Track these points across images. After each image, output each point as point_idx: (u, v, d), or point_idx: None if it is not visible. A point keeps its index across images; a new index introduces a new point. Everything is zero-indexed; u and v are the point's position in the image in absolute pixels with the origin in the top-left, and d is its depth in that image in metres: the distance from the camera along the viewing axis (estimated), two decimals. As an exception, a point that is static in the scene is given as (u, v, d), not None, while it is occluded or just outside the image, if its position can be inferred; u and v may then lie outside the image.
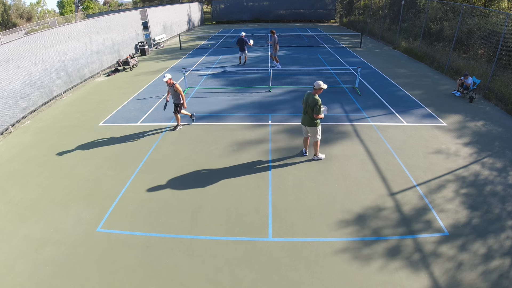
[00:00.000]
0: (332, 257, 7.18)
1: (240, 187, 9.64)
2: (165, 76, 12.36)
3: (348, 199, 9.00)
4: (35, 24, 65.10)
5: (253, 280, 6.68)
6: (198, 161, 11.06)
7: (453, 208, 8.60)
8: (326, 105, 10.60)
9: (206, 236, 7.86)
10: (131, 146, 12.13)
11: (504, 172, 10.15)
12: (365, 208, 8.64)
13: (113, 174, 10.43)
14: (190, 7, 48.02)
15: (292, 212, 8.54)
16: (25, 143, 12.74)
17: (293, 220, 8.27)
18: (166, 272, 6.88)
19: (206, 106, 15.85)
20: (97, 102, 17.07)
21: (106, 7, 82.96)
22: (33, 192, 9.74)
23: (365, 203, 8.81)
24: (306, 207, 8.72)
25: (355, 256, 7.21)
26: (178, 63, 25.62)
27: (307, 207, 8.69)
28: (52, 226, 8.30)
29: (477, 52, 21.47)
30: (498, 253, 7.19)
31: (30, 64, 15.66)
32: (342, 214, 8.46)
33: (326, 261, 7.08)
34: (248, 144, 12.09)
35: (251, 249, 7.45)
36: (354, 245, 7.50)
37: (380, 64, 23.92)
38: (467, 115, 14.40)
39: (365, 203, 8.79)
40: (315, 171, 10.35)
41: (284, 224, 8.14)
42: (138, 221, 8.39)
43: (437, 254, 7.18)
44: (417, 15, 29.41)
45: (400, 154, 11.18)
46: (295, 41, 34.40)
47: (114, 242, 7.72)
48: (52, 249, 7.58)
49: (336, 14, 55.38)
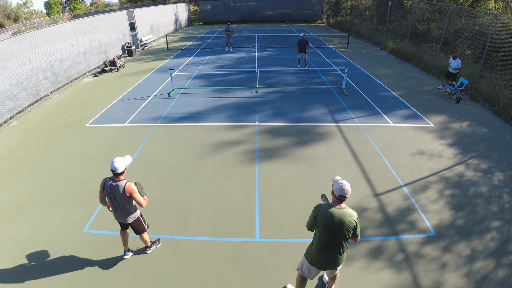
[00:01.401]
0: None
1: (227, 188, 9.65)
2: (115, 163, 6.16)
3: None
4: (22, 25, 64.34)
5: (240, 280, 6.71)
6: (185, 161, 11.06)
7: (440, 209, 8.73)
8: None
9: (193, 236, 7.87)
10: (118, 147, 12.08)
11: (490, 173, 10.29)
12: (353, 209, 8.68)
13: (101, 174, 10.36)
14: (177, 8, 47.85)
15: (279, 213, 8.58)
16: (12, 144, 12.61)
17: (280, 221, 8.31)
18: (153, 273, 6.88)
19: (192, 107, 15.82)
20: (84, 102, 16.95)
21: (93, 7, 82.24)
22: (20, 192, 9.65)
23: (353, 203, 8.86)
24: (293, 207, 8.77)
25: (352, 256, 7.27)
26: (165, 64, 25.53)
27: (294, 208, 8.73)
28: (39, 226, 8.24)
29: (464, 53, 21.72)
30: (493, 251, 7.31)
31: (17, 65, 15.50)
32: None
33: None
34: (235, 144, 12.11)
35: (238, 250, 7.48)
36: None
37: (367, 65, 24.11)
38: (454, 115, 14.58)
39: (353, 204, 8.84)
40: (302, 172, 10.40)
41: (271, 225, 8.18)
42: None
43: (422, 254, 7.29)
44: (404, 16, 29.71)
45: (387, 155, 11.29)
46: (281, 42, 34.54)
47: (101, 243, 7.69)
48: (39, 249, 7.52)
49: (323, 15, 55.71)
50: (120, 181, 6.16)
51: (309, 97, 16.95)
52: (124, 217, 6.51)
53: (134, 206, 6.54)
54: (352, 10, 44.67)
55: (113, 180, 6.17)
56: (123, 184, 6.11)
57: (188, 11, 55.45)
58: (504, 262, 6.99)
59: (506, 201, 8.94)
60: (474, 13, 22.75)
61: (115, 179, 6.16)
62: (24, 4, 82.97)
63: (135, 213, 6.60)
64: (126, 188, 6.08)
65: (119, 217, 6.54)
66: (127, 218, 6.51)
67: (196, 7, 62.90)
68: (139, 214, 6.73)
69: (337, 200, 5.20)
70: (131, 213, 6.51)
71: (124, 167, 6.14)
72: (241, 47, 31.41)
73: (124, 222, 6.59)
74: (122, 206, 6.34)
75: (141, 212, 6.82)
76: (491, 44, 17.37)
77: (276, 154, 11.40)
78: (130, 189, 6.10)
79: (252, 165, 10.83)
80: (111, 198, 6.29)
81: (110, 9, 72.40)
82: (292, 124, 13.65)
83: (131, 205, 6.45)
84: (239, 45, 31.76)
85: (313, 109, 15.33)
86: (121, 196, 6.16)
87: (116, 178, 6.17)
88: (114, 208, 6.44)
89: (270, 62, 25.11)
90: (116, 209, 6.43)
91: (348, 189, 5.08)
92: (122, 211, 6.43)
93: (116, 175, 6.13)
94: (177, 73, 22.06)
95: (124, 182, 6.15)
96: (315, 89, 18.37)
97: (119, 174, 6.12)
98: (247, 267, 7.01)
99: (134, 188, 6.15)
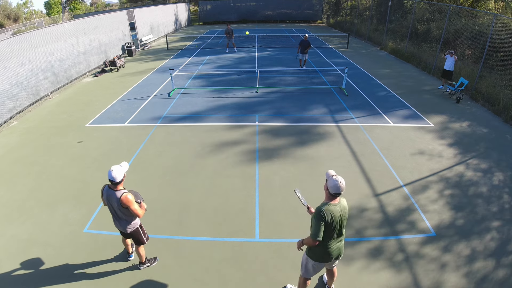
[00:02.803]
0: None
1: (227, 188, 9.65)
2: (113, 173, 5.97)
3: (335, 199, 9.04)
4: (22, 25, 64.28)
5: (240, 280, 6.72)
6: (185, 161, 11.06)
7: (440, 209, 8.72)
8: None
9: (193, 236, 7.87)
10: (118, 147, 12.08)
11: (490, 173, 10.29)
12: (353, 209, 8.70)
13: (100, 175, 10.37)
14: (177, 8, 47.87)
15: (279, 213, 8.59)
16: (12, 144, 12.61)
17: (280, 221, 8.32)
18: (153, 273, 6.88)
19: (192, 107, 15.83)
20: (84, 102, 16.95)
21: (93, 7, 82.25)
22: (20, 192, 9.65)
23: (353, 204, 8.87)
24: (293, 207, 8.75)
25: (352, 256, 7.28)
26: (165, 64, 25.52)
27: (294, 208, 8.72)
28: (39, 226, 8.24)
29: (464, 53, 21.70)
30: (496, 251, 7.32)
31: (17, 65, 15.50)
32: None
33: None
34: (235, 144, 12.11)
35: (238, 250, 7.48)
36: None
37: (367, 65, 24.11)
38: (454, 115, 14.58)
39: (353, 204, 8.85)
40: (302, 172, 10.40)
41: (271, 225, 8.18)
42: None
43: (422, 254, 7.28)
44: (404, 16, 29.69)
45: (387, 155, 11.29)
46: (281, 42, 34.52)
47: (101, 243, 7.70)
48: (39, 249, 7.52)
49: (323, 15, 55.72)
50: (118, 191, 5.99)
51: (309, 97, 16.95)
52: (123, 227, 6.39)
53: (132, 216, 6.38)
54: (352, 10, 44.67)
55: (111, 189, 6.04)
56: (119, 195, 5.95)
57: (188, 11, 55.46)
58: (504, 262, 6.99)
59: (506, 201, 8.94)
60: (474, 13, 22.74)
61: (113, 188, 6.01)
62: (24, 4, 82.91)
63: (134, 222, 6.45)
64: (122, 200, 5.92)
65: (118, 225, 6.43)
66: (126, 228, 6.38)
67: (196, 7, 62.89)
68: (139, 224, 6.58)
69: (332, 196, 5.20)
70: (129, 223, 6.37)
71: (122, 176, 5.97)
72: (241, 47, 31.38)
73: (123, 231, 6.47)
74: (120, 215, 6.21)
75: (141, 223, 6.67)
76: (491, 44, 17.36)
77: (276, 154, 11.39)
78: (126, 201, 5.92)
79: (252, 165, 10.83)
80: (110, 206, 6.20)
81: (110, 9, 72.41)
82: (292, 124, 13.65)
83: (129, 216, 6.30)
84: (239, 45, 31.70)
85: (313, 109, 15.33)
86: (118, 207, 6.05)
87: (114, 188, 6.01)
88: (113, 217, 6.35)
89: (270, 62, 25.13)
90: (115, 218, 6.34)
91: (343, 186, 5.04)
92: (120, 220, 6.31)
93: (114, 184, 5.98)
94: (177, 73, 22.06)
95: (121, 193, 5.97)
96: (315, 89, 18.37)
97: (117, 184, 5.98)
98: (247, 267, 7.01)
99: (131, 199, 5.96)
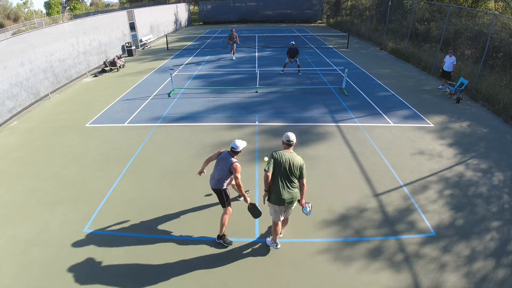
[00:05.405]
0: (320, 257, 7.25)
1: (227, 188, 9.62)
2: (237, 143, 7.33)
3: (335, 200, 9.07)
4: (22, 25, 64.27)
5: (240, 280, 6.72)
6: (185, 161, 11.06)
7: (440, 209, 8.72)
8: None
9: (193, 236, 7.88)
10: (118, 147, 12.08)
11: (489, 173, 10.29)
12: (353, 209, 8.71)
13: (100, 174, 10.38)
14: (177, 8, 47.88)
15: (279, 212, 8.56)
16: (12, 144, 12.60)
17: (280, 220, 8.30)
18: (153, 273, 6.88)
19: (192, 107, 15.82)
20: (84, 103, 16.95)
21: (93, 7, 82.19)
22: (20, 192, 9.65)
23: (352, 204, 8.88)
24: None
25: (351, 256, 7.28)
26: (165, 64, 25.52)
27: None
28: (39, 226, 8.24)
29: (464, 53, 21.69)
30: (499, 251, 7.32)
31: (17, 65, 15.50)
32: (329, 214, 8.53)
33: (314, 261, 7.14)
34: (235, 144, 12.07)
35: (238, 250, 7.49)
36: (341, 246, 7.57)
37: (367, 65, 24.11)
38: (454, 115, 14.58)
39: (353, 204, 8.86)
40: (302, 171, 10.37)
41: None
42: (125, 221, 8.37)
43: (422, 254, 7.29)
44: (404, 16, 29.66)
45: (387, 155, 11.29)
46: (281, 42, 34.46)
47: (101, 243, 7.69)
48: (39, 250, 7.53)
49: (323, 15, 55.74)
50: (233, 157, 7.27)
51: (309, 97, 16.95)
52: (215, 184, 7.44)
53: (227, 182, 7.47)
54: (352, 10, 44.69)
55: (229, 154, 7.34)
56: (233, 161, 7.19)
57: (188, 11, 55.46)
58: (504, 262, 6.99)
59: (505, 201, 8.94)
60: (474, 13, 22.73)
61: (232, 155, 7.31)
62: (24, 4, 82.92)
63: (223, 185, 7.43)
64: (232, 165, 7.14)
65: (212, 182, 7.52)
66: (217, 185, 7.43)
67: (196, 7, 62.88)
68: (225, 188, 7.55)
69: (286, 145, 6.90)
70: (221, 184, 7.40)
71: (241, 148, 7.32)
72: (241, 47, 31.36)
73: (214, 187, 7.52)
74: (221, 175, 7.34)
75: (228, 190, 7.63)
76: (491, 44, 17.36)
77: (276, 154, 11.36)
78: (235, 168, 7.15)
79: (252, 165, 10.83)
80: (218, 164, 7.45)
81: (110, 9, 72.38)
82: (292, 124, 13.64)
83: (225, 179, 7.41)
84: (238, 45, 31.69)
85: (313, 109, 15.33)
86: (226, 168, 7.23)
87: (233, 155, 7.32)
88: (214, 173, 7.54)
89: (270, 62, 25.13)
90: (214, 175, 7.50)
91: (291, 135, 6.87)
92: (217, 179, 7.40)
93: (234, 152, 7.32)
94: (177, 73, 22.07)
95: (235, 160, 7.23)
96: (315, 89, 18.37)
97: (236, 152, 7.33)
98: (246, 267, 7.01)
99: (239, 169, 7.18)
